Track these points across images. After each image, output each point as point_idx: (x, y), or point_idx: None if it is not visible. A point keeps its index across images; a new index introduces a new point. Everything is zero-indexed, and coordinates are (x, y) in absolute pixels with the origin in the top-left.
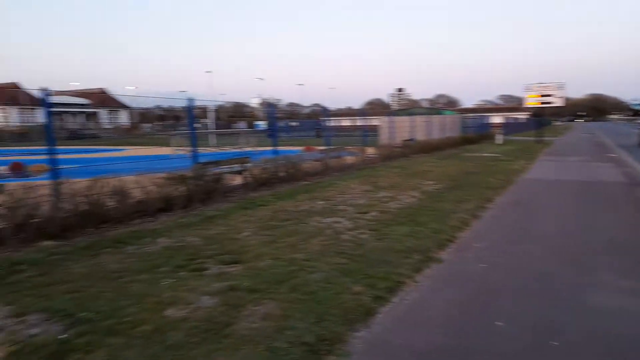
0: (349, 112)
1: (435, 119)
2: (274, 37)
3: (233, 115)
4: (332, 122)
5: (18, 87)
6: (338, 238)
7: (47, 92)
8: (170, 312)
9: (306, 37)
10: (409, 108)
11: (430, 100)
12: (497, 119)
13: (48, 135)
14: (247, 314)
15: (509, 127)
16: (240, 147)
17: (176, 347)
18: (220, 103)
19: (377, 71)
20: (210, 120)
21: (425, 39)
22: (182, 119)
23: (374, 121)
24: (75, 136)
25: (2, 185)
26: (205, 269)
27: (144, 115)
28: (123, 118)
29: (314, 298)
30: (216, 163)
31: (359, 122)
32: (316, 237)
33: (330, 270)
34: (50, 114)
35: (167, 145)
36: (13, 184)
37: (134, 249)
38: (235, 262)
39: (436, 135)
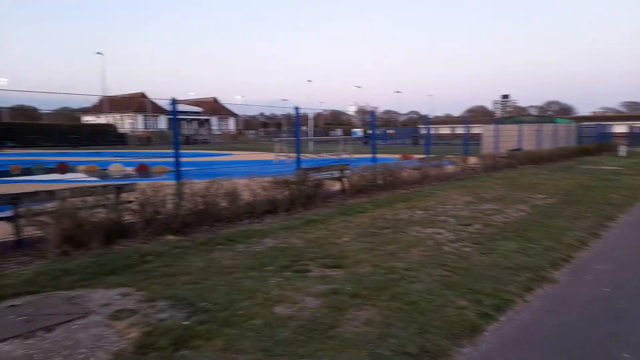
0: (448, 120)
1: (546, 127)
2: (371, 44)
3: (330, 123)
4: (431, 130)
5: (145, 97)
6: (439, 249)
7: (174, 102)
8: (279, 310)
9: (404, 42)
10: (516, 115)
11: (540, 108)
12: (620, 128)
13: (174, 140)
14: (349, 318)
15: (635, 138)
16: (338, 154)
17: (285, 343)
18: (319, 111)
19: (479, 77)
20: (309, 128)
21: (535, 41)
22: (283, 126)
23: (476, 129)
24: (189, 141)
25: (134, 184)
26: (308, 270)
27: (249, 123)
28: (230, 125)
29: (416, 308)
30: (317, 169)
31: (460, 130)
32: (416, 247)
33: (432, 281)
34: (176, 121)
35: (270, 151)
36: (141, 184)
37: (243, 247)
38: (336, 267)
39: (547, 145)
